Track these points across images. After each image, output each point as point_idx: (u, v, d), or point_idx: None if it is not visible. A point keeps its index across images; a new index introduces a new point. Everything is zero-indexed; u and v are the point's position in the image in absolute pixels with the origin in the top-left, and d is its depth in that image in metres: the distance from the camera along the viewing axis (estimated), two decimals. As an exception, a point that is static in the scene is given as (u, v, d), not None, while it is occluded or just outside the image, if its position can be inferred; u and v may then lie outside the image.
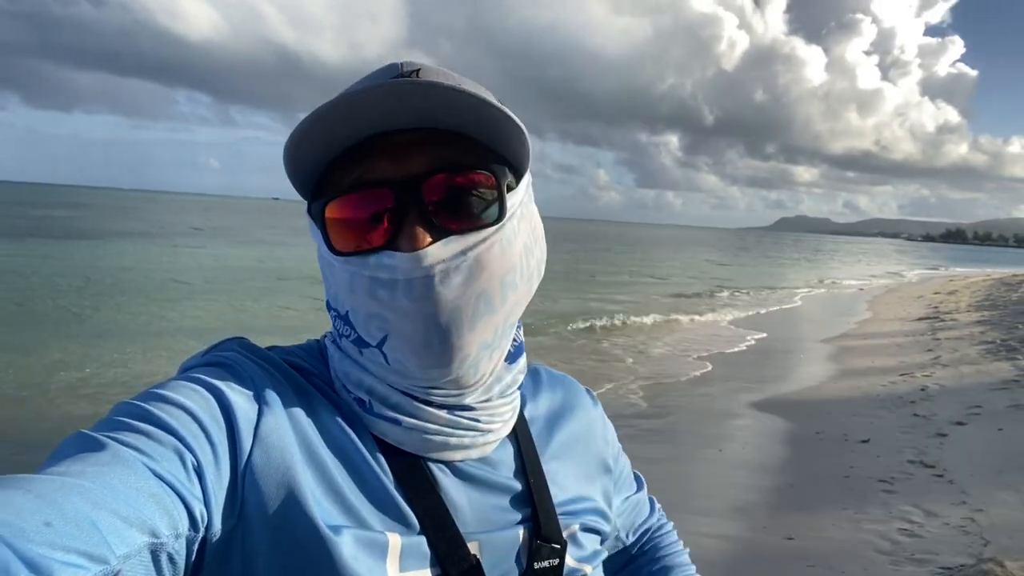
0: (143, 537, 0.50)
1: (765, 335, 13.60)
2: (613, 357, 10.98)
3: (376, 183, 0.66)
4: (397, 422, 0.70)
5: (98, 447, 0.54)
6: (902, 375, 9.12)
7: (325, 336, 0.80)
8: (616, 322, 14.25)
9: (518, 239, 0.72)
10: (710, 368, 10.24)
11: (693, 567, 1.04)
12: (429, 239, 0.65)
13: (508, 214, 0.70)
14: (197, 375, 0.66)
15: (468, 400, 0.73)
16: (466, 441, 0.73)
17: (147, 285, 17.30)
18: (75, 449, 0.54)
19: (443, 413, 0.71)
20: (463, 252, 0.66)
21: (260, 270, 22.58)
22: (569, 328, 13.41)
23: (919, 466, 5.70)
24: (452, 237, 0.66)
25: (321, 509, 0.63)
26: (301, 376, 0.73)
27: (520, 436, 0.81)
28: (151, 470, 0.54)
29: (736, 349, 12.10)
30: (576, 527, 0.81)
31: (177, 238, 36.13)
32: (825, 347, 11.98)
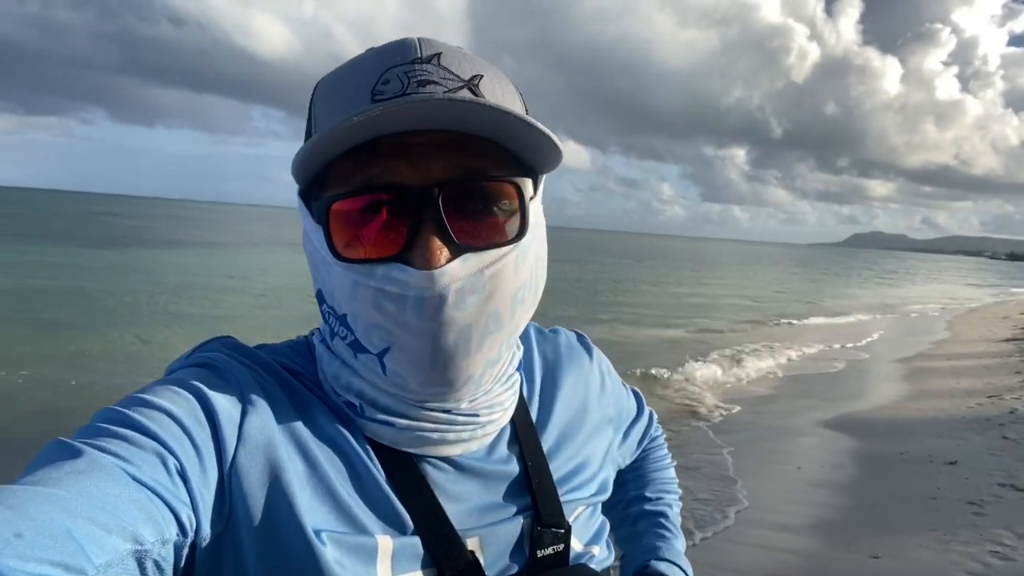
0: (125, 544, 0.48)
1: (838, 353, 13.26)
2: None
3: (391, 187, 0.61)
4: (390, 424, 0.67)
5: (75, 454, 0.52)
6: (989, 397, 8.79)
7: (312, 333, 0.76)
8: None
9: (531, 251, 0.68)
10: (781, 385, 10.08)
11: (675, 481, 1.05)
12: (446, 254, 0.61)
13: (529, 229, 0.66)
14: (179, 377, 0.64)
15: (464, 405, 0.69)
16: (464, 435, 0.70)
17: (239, 287, 18.08)
18: (52, 457, 0.52)
19: (439, 414, 0.68)
20: (480, 271, 0.62)
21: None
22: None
23: (1010, 489, 5.51)
24: (470, 254, 0.62)
25: (310, 511, 0.61)
26: (290, 375, 0.70)
27: (516, 416, 0.76)
28: (131, 476, 0.52)
29: (808, 367, 11.84)
30: (581, 508, 0.78)
31: (258, 247, 37.47)
32: (900, 367, 11.61)
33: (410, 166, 0.61)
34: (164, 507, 0.53)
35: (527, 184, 0.66)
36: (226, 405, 0.62)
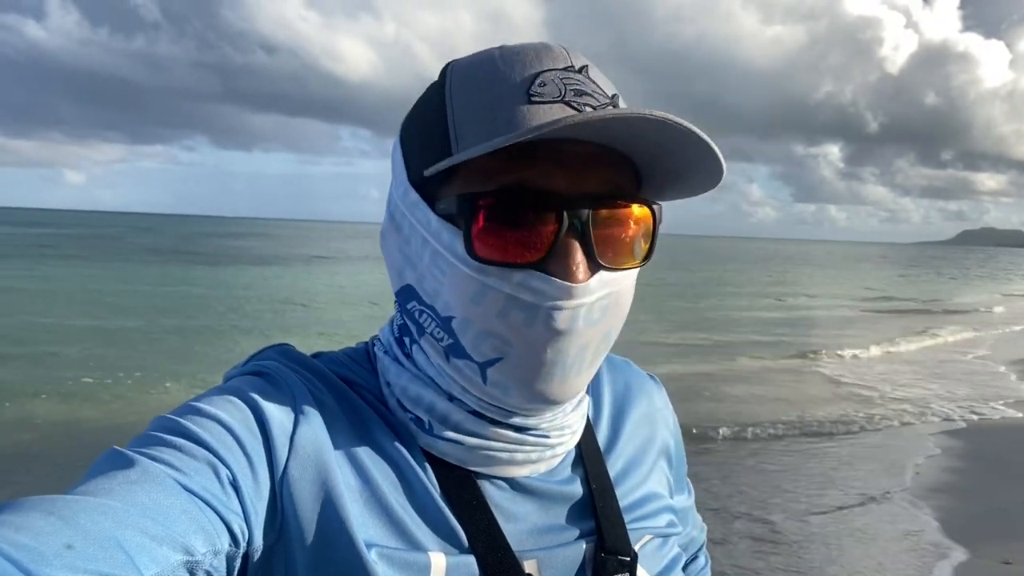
0: (176, 555, 0.47)
1: (951, 354, 12.47)
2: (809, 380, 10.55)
3: (546, 193, 0.60)
4: (458, 442, 0.65)
5: (127, 464, 0.52)
6: None
7: (374, 343, 0.74)
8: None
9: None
10: (900, 387, 9.56)
11: None
12: (584, 269, 0.60)
13: (655, 253, 0.65)
14: (234, 385, 0.64)
15: (542, 423, 0.67)
16: (533, 456, 0.67)
17: (343, 298, 18.78)
18: (105, 467, 0.52)
19: (510, 432, 0.65)
20: (611, 291, 0.62)
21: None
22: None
23: None
24: (606, 272, 0.61)
25: (362, 524, 0.60)
26: (346, 385, 0.68)
27: (583, 439, 0.73)
28: (183, 485, 0.52)
29: (929, 368, 11.20)
30: (649, 536, 0.73)
31: (354, 261, 38.81)
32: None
33: (567, 174, 0.60)
34: (216, 517, 0.52)
35: (662, 210, 0.66)
36: (278, 415, 0.61)
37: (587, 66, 0.62)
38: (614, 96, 0.62)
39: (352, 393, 0.68)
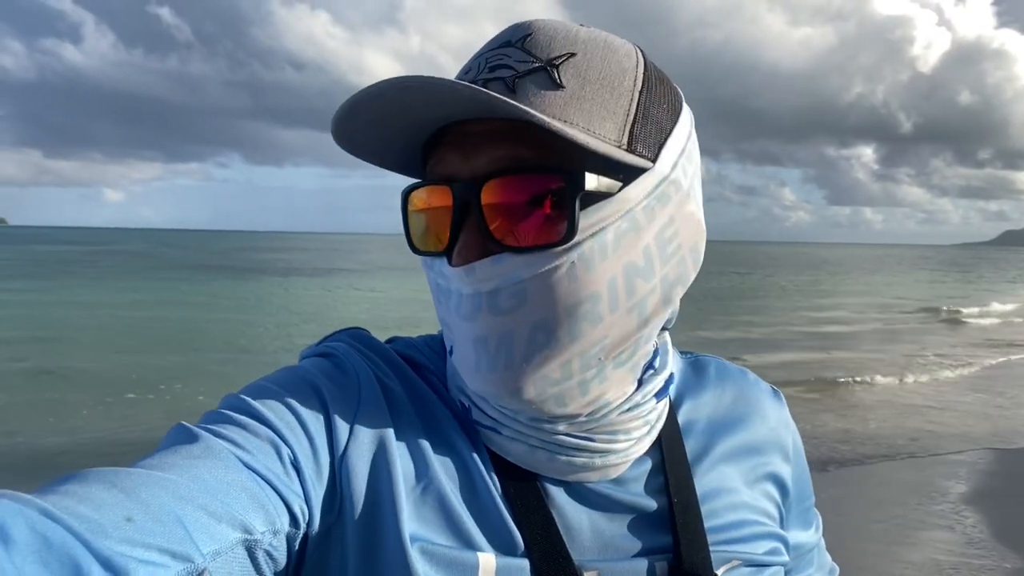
0: (234, 533, 0.47)
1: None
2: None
3: (442, 178, 0.59)
4: (496, 431, 0.63)
5: (192, 439, 0.52)
6: None
7: None
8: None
9: (611, 262, 0.58)
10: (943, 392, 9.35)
11: None
12: (483, 253, 0.57)
13: (579, 234, 0.56)
14: (302, 367, 0.64)
15: (561, 427, 0.61)
16: (577, 461, 0.62)
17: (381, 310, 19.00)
18: (171, 441, 0.53)
19: (544, 426, 0.61)
20: (518, 274, 0.56)
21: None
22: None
23: None
24: (505, 255, 0.56)
25: (413, 516, 0.58)
26: (416, 372, 0.67)
27: (667, 445, 0.68)
28: (244, 463, 0.52)
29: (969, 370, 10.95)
30: (737, 561, 0.65)
31: (385, 272, 39.17)
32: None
33: (462, 157, 0.58)
34: (276, 497, 0.52)
35: (581, 178, 0.56)
36: (341, 398, 0.61)
37: (527, 36, 0.58)
38: (556, 58, 0.57)
39: (419, 380, 0.67)
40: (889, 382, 10.52)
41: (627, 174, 0.58)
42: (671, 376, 0.68)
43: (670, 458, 0.67)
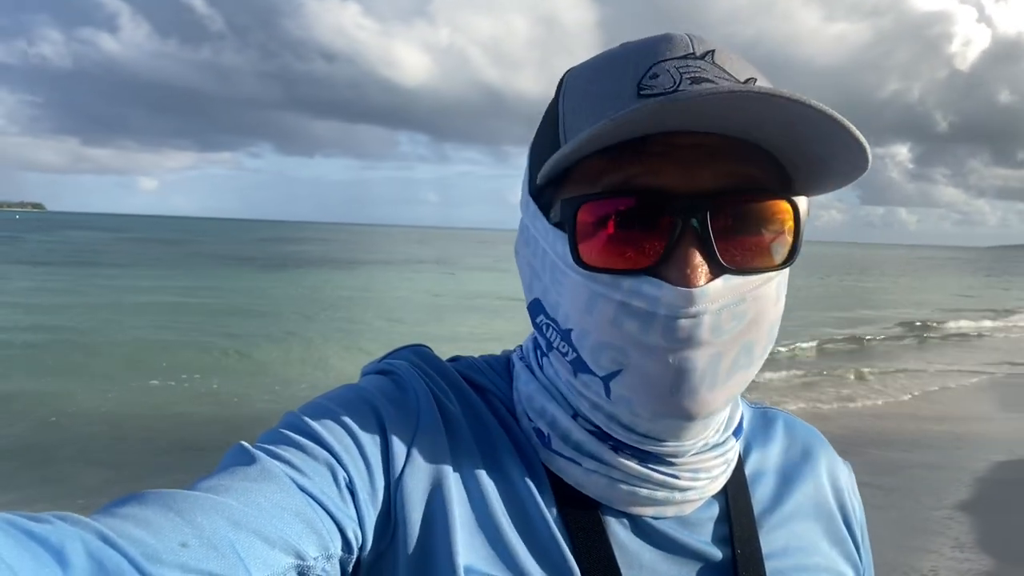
0: (287, 559, 0.48)
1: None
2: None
3: (655, 192, 0.55)
4: (577, 462, 0.61)
5: (249, 461, 0.53)
6: None
7: (515, 351, 0.71)
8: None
9: (787, 280, 0.61)
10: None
11: None
12: (706, 272, 0.54)
13: (799, 254, 0.58)
14: (362, 386, 0.64)
15: (672, 456, 0.60)
16: (659, 496, 0.61)
17: (406, 304, 19.33)
18: (229, 462, 0.54)
19: (632, 463, 0.60)
20: (743, 296, 0.55)
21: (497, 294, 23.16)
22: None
23: None
24: (733, 275, 0.55)
25: (467, 546, 0.57)
26: (478, 394, 0.66)
27: (733, 494, 0.66)
28: (300, 486, 0.52)
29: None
30: None
31: (414, 266, 39.46)
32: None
33: (678, 169, 0.55)
34: (330, 521, 0.52)
35: (803, 203, 0.58)
36: (399, 421, 0.60)
37: (713, 51, 0.56)
38: (748, 80, 0.56)
39: (481, 403, 0.66)
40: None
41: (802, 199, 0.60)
42: (742, 417, 0.68)
43: (735, 508, 0.65)
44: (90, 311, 16.62)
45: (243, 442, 0.56)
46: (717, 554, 0.62)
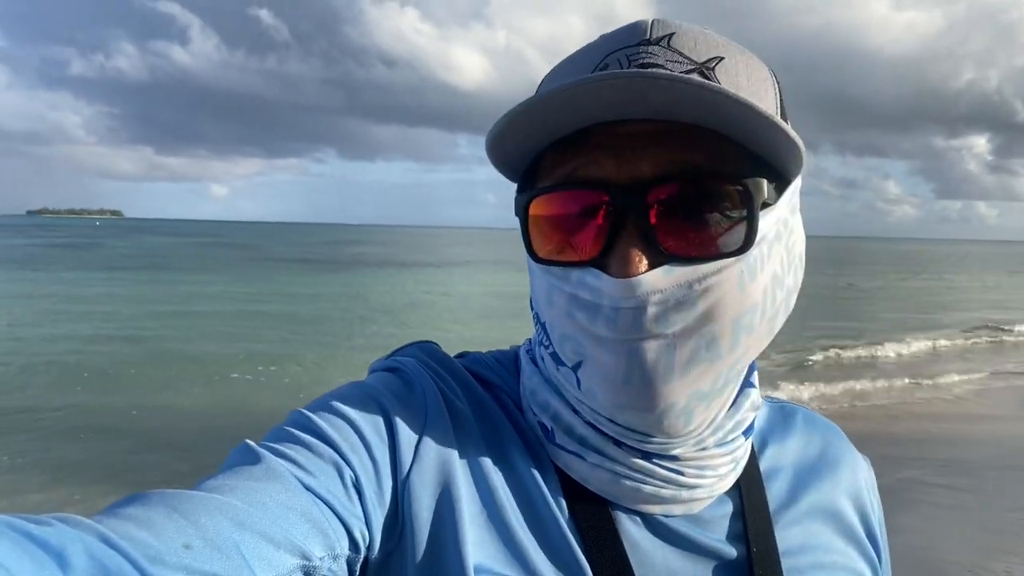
0: (293, 559, 0.47)
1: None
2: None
3: (592, 183, 0.55)
4: (581, 456, 0.60)
5: (254, 460, 0.52)
6: None
7: (523, 345, 0.70)
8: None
9: (766, 269, 0.57)
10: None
11: None
12: (646, 263, 0.53)
13: (757, 241, 0.55)
14: (368, 383, 0.63)
15: (673, 451, 0.60)
16: (664, 493, 0.60)
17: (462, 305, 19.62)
18: (234, 461, 0.53)
19: (636, 459, 0.59)
20: (689, 284, 0.53)
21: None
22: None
23: None
24: (676, 264, 0.54)
25: (477, 544, 0.56)
26: (486, 390, 0.66)
27: (747, 491, 0.65)
28: (305, 486, 0.51)
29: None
30: None
31: (479, 266, 39.85)
32: None
33: (617, 159, 0.54)
34: (336, 521, 0.51)
35: (760, 186, 0.55)
36: (407, 418, 0.59)
37: (671, 35, 0.55)
38: (708, 61, 0.55)
39: (489, 399, 0.65)
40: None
41: (779, 182, 0.58)
42: (754, 417, 0.66)
43: (750, 504, 0.64)
44: (164, 311, 17.32)
45: (248, 440, 0.55)
46: (732, 552, 0.61)
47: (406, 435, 0.59)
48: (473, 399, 0.64)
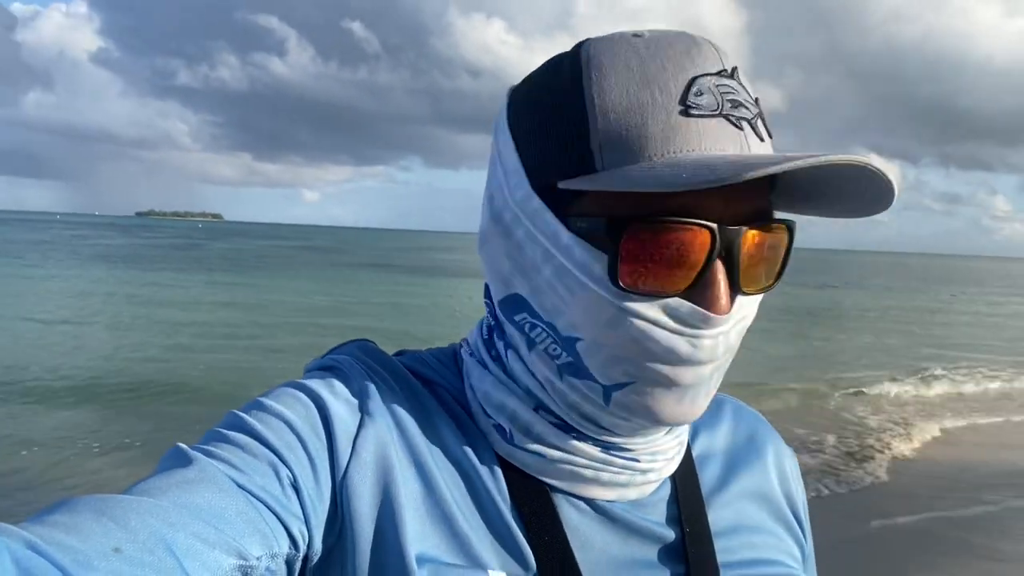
0: (229, 559, 0.46)
1: None
2: None
3: (700, 219, 0.54)
4: (540, 455, 0.61)
5: (187, 463, 0.51)
6: None
7: (461, 346, 0.70)
8: None
9: None
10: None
11: None
12: (729, 296, 0.56)
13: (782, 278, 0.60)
14: (304, 381, 0.62)
15: (631, 443, 0.62)
16: (621, 479, 0.62)
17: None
18: (166, 465, 0.52)
19: (595, 451, 0.61)
20: (744, 316, 0.58)
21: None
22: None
23: None
24: (743, 297, 0.57)
25: (419, 536, 0.57)
26: (424, 387, 0.66)
27: (681, 476, 0.67)
28: (240, 486, 0.51)
29: None
30: None
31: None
32: None
33: (725, 201, 0.54)
34: (274, 519, 0.51)
35: (796, 228, 0.60)
36: (343, 415, 0.59)
37: (736, 68, 0.56)
38: (756, 100, 0.57)
39: (428, 395, 0.65)
40: None
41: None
42: None
43: (683, 488, 0.67)
44: (259, 308, 17.98)
45: (180, 444, 0.54)
46: (669, 533, 0.64)
47: (343, 431, 0.59)
48: (412, 395, 0.64)
